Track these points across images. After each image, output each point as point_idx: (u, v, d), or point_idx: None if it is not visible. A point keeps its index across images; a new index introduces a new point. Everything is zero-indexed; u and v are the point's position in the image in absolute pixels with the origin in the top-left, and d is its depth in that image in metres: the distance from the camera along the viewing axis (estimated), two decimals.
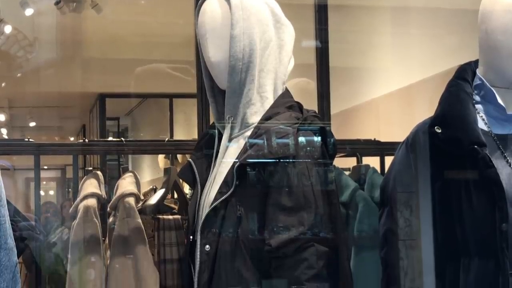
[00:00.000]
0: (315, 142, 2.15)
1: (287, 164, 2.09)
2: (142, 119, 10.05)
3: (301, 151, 2.10)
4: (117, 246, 2.61)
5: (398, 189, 2.09)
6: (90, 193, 2.63)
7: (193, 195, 2.31)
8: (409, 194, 2.04)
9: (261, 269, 2.07)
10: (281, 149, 2.08)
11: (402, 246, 2.11)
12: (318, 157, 2.14)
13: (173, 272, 2.70)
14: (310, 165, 2.11)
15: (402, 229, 2.07)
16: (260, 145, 2.09)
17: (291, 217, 2.04)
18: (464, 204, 1.94)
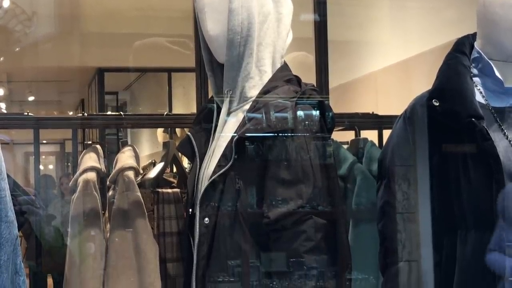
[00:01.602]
0: (314, 115, 2.16)
1: (286, 138, 2.10)
2: (141, 94, 10.03)
3: (300, 125, 2.11)
4: (116, 220, 2.62)
5: (396, 162, 2.10)
6: (90, 167, 2.64)
7: (192, 168, 2.32)
8: (406, 167, 2.05)
9: (260, 242, 2.08)
10: (279, 123, 2.09)
11: (400, 219, 2.12)
12: (316, 130, 2.15)
13: (172, 245, 2.71)
14: (309, 139, 2.12)
15: (400, 202, 2.08)
16: (258, 118, 2.10)
17: (290, 190, 2.05)
18: (461, 176, 1.95)
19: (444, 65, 2.09)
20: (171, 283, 2.70)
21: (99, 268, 2.60)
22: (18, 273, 1.87)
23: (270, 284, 2.08)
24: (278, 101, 2.11)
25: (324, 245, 2.05)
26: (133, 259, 2.61)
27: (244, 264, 2.08)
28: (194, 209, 2.20)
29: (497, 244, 1.93)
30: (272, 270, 2.08)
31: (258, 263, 2.08)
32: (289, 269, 2.04)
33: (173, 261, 2.72)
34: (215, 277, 2.11)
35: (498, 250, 1.88)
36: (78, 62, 7.63)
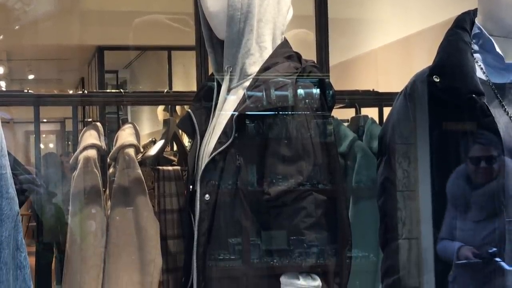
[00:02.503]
0: (314, 93, 2.15)
1: (286, 115, 2.10)
2: (141, 72, 10.01)
3: (300, 102, 2.11)
4: (117, 197, 2.62)
5: (396, 139, 2.10)
6: (90, 144, 2.64)
7: (192, 145, 2.32)
8: (407, 143, 2.05)
9: (260, 218, 2.09)
10: (280, 100, 2.08)
11: (400, 196, 2.12)
12: (317, 107, 2.15)
13: (173, 222, 2.72)
14: (309, 116, 2.12)
15: (400, 180, 2.08)
16: (259, 95, 2.10)
17: (290, 166, 2.06)
18: (461, 153, 1.95)
19: (444, 41, 2.08)
20: (171, 260, 2.71)
21: (100, 245, 2.61)
22: (19, 250, 1.88)
23: (270, 261, 2.09)
24: (278, 78, 2.11)
25: (324, 221, 2.06)
26: (134, 236, 2.62)
27: (244, 241, 2.09)
28: (195, 186, 2.20)
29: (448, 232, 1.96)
30: (273, 247, 2.09)
31: (258, 240, 2.09)
32: (290, 247, 2.05)
33: (174, 238, 2.73)
34: (215, 254, 2.12)
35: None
36: (78, 40, 7.61)
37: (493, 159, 1.93)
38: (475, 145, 1.95)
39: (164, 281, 2.69)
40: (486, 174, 1.94)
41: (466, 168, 1.96)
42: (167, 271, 2.70)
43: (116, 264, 2.62)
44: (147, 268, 2.60)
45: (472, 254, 1.94)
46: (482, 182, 1.94)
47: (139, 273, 2.61)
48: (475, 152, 1.95)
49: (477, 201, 1.96)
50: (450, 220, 1.99)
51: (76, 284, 2.60)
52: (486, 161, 1.93)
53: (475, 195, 1.95)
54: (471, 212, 1.96)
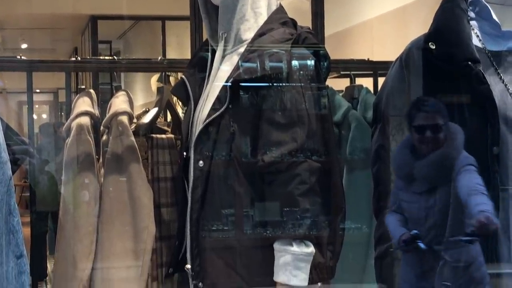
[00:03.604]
0: (309, 59, 2.14)
1: (281, 81, 2.09)
2: (134, 42, 9.97)
3: (295, 69, 2.10)
4: (110, 165, 2.61)
5: (391, 106, 2.09)
6: (83, 111, 2.62)
7: (186, 112, 2.31)
8: (401, 110, 2.04)
9: (254, 185, 2.09)
10: (274, 66, 2.07)
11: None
12: (312, 74, 2.14)
13: (166, 190, 2.72)
14: (304, 82, 2.11)
15: (394, 136, 2.08)
16: (253, 61, 2.08)
17: (284, 133, 2.05)
18: (456, 120, 1.95)
19: (441, 8, 2.07)
20: (165, 228, 2.71)
21: (93, 213, 2.61)
22: (12, 214, 1.87)
23: (264, 228, 2.09)
24: (273, 44, 2.10)
25: (318, 188, 2.06)
26: (127, 204, 2.61)
27: (237, 207, 2.08)
28: (189, 153, 2.20)
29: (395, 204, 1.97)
30: (267, 213, 2.09)
31: (252, 207, 2.09)
32: (283, 213, 2.04)
33: (167, 206, 2.72)
34: (209, 220, 2.12)
35: (492, 192, 1.89)
36: (71, 9, 7.56)
37: (436, 129, 1.92)
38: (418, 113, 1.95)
39: (157, 248, 2.69)
40: (429, 144, 1.93)
41: (411, 138, 1.96)
42: (161, 238, 2.70)
43: (109, 231, 2.62)
44: (141, 235, 2.60)
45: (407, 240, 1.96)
46: (425, 152, 1.94)
47: (132, 241, 2.61)
48: (418, 121, 1.94)
49: (420, 172, 1.97)
50: (396, 191, 2.00)
51: (69, 252, 2.60)
52: (430, 131, 1.92)
53: (418, 166, 1.95)
54: (414, 184, 1.96)
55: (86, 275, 2.58)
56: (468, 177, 1.90)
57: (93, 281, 2.61)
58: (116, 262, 2.61)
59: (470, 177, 1.90)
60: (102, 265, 2.60)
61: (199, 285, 2.14)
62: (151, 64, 2.95)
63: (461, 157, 1.92)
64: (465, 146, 1.95)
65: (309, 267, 2.04)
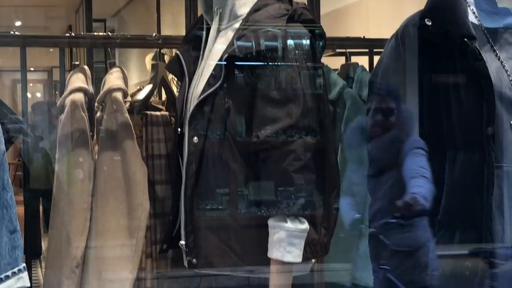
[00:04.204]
0: (305, 35, 2.13)
1: (276, 57, 2.08)
2: (129, 21, 9.92)
3: (291, 44, 2.09)
4: (104, 141, 2.60)
5: (386, 82, 2.08)
6: (77, 88, 2.61)
7: (180, 88, 2.30)
8: (397, 87, 2.04)
9: (249, 161, 2.08)
10: (270, 42, 2.06)
11: None
12: (307, 51, 2.13)
13: (161, 167, 2.71)
14: (300, 58, 2.10)
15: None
16: (249, 36, 2.07)
17: (279, 109, 2.04)
18: (452, 97, 1.94)
19: None
20: (159, 205, 2.71)
21: (87, 189, 2.60)
22: (5, 189, 1.87)
23: (258, 204, 2.09)
24: (269, 20, 2.09)
25: (312, 165, 2.05)
26: (121, 181, 2.61)
27: (232, 184, 2.08)
28: (183, 129, 2.19)
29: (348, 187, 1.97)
30: (261, 189, 2.09)
31: (246, 183, 2.09)
32: (278, 190, 2.04)
33: (162, 183, 2.72)
34: (203, 196, 2.12)
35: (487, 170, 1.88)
36: None
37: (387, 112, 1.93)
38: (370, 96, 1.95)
39: (152, 225, 2.69)
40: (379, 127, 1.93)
41: (362, 120, 1.96)
42: (155, 216, 2.70)
43: (103, 208, 2.62)
44: (135, 212, 2.60)
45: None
46: (375, 135, 1.94)
47: (126, 218, 2.61)
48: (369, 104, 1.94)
49: (369, 155, 1.97)
50: (349, 173, 2.00)
51: (63, 230, 2.60)
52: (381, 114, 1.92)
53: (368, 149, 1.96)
54: (364, 166, 1.97)
55: (80, 252, 2.58)
56: (413, 160, 1.91)
57: (87, 258, 2.61)
58: (110, 239, 2.61)
59: (415, 160, 1.91)
60: (96, 242, 2.60)
61: (193, 261, 2.14)
62: (146, 40, 2.93)
63: (410, 140, 1.93)
64: (461, 124, 1.95)
65: (303, 243, 2.04)
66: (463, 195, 1.94)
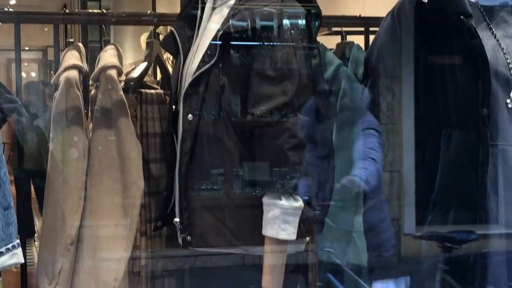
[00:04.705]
0: (300, 13, 2.12)
1: (271, 35, 2.07)
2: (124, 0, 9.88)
3: (286, 22, 2.08)
4: (99, 119, 2.59)
5: (382, 60, 2.07)
6: (72, 65, 2.59)
7: (175, 65, 2.29)
8: (393, 64, 2.03)
9: (243, 139, 2.08)
10: (265, 19, 2.05)
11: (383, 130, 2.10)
12: (303, 29, 2.12)
13: (155, 145, 2.70)
14: (295, 36, 2.09)
15: (385, 96, 2.07)
16: (244, 14, 2.06)
17: (275, 86, 2.04)
18: (448, 75, 1.94)
19: None
20: (154, 183, 2.70)
21: (81, 168, 2.59)
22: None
23: (253, 182, 2.09)
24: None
25: (307, 141, 2.05)
26: (115, 159, 2.60)
27: (227, 161, 2.08)
28: (178, 106, 2.18)
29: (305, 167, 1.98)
30: (256, 167, 2.08)
31: (241, 161, 2.08)
32: (273, 167, 2.04)
33: (156, 161, 2.71)
34: (198, 173, 2.11)
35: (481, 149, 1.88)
36: None
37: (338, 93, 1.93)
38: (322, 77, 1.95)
39: (146, 204, 2.68)
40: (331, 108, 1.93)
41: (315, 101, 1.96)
42: (149, 194, 2.69)
43: (97, 187, 2.61)
44: (129, 191, 2.60)
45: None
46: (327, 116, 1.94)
47: (121, 196, 2.60)
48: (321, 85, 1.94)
49: (322, 136, 1.97)
50: (306, 154, 2.00)
51: (58, 208, 2.59)
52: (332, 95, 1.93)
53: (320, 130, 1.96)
54: (318, 148, 1.97)
55: (75, 230, 2.58)
56: (363, 141, 1.92)
57: (81, 236, 2.61)
58: (104, 218, 2.61)
59: (365, 141, 1.92)
60: (91, 221, 2.60)
61: (187, 239, 2.14)
62: (141, 18, 2.90)
63: (361, 121, 1.93)
64: (456, 102, 1.95)
65: (298, 221, 2.04)
66: (458, 174, 1.94)
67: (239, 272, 2.14)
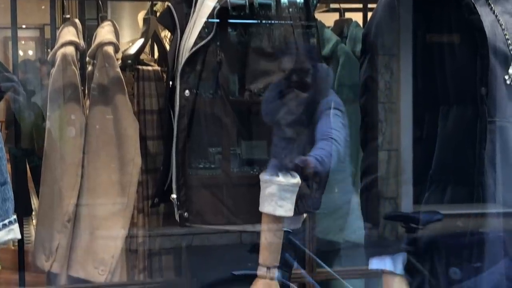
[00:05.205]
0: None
1: (269, 11, 2.06)
2: None
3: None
4: (96, 96, 2.59)
5: (380, 36, 2.06)
6: (68, 41, 2.58)
7: (172, 41, 2.28)
8: (391, 41, 2.02)
9: (240, 115, 2.07)
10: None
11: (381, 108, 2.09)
12: (301, 5, 2.11)
13: (152, 122, 2.70)
14: (293, 13, 2.08)
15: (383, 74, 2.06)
16: None
17: (272, 63, 2.03)
18: (446, 51, 1.93)
19: None
20: (151, 161, 2.71)
21: (79, 144, 2.59)
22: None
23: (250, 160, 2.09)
24: None
25: (305, 119, 2.04)
26: (113, 136, 2.60)
27: (224, 138, 2.08)
28: (175, 82, 2.17)
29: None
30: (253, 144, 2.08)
31: (238, 137, 2.08)
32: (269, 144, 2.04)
33: (154, 139, 2.71)
34: (195, 149, 2.11)
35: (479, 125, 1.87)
36: None
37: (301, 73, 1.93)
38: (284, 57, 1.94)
39: (143, 181, 2.69)
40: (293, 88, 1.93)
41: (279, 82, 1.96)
42: (146, 171, 2.70)
43: (95, 163, 2.61)
44: (126, 167, 2.60)
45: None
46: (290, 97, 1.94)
47: (118, 173, 2.60)
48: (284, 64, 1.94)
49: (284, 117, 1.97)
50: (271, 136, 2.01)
51: (55, 185, 2.60)
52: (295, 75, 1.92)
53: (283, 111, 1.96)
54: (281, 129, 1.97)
55: (72, 207, 2.58)
56: (325, 121, 1.92)
57: (78, 213, 2.61)
58: (101, 195, 2.61)
59: (326, 121, 1.92)
60: (88, 198, 2.60)
61: (184, 215, 2.14)
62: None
63: (324, 101, 1.92)
64: (454, 79, 1.93)
65: (295, 198, 2.04)
66: (455, 150, 1.93)
67: (236, 250, 2.14)
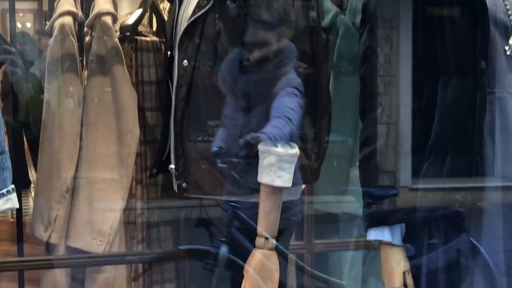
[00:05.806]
0: None
1: None
2: None
3: None
4: (94, 66, 2.58)
5: (380, 6, 2.04)
6: (66, 11, 2.56)
7: (171, 10, 2.26)
8: (391, 12, 2.00)
9: (239, 84, 2.06)
10: None
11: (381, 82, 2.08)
12: None
13: (151, 93, 2.69)
14: None
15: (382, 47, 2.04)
16: None
17: (272, 32, 2.02)
18: (446, 22, 1.92)
19: None
20: (149, 132, 2.70)
21: (77, 115, 2.58)
22: None
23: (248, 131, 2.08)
24: None
25: (304, 89, 2.04)
26: (111, 106, 2.59)
27: (222, 108, 2.07)
28: (173, 52, 2.16)
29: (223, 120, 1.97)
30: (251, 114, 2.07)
31: (237, 107, 2.07)
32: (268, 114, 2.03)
33: (152, 110, 2.71)
34: (193, 119, 2.10)
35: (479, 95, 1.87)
36: None
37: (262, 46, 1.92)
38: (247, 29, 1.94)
39: (142, 152, 2.69)
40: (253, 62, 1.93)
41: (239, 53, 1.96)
42: (145, 142, 2.69)
43: (93, 134, 2.60)
44: (124, 138, 2.59)
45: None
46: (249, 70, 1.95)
47: (116, 143, 2.60)
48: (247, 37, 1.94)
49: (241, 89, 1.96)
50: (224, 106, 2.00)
51: (53, 156, 2.60)
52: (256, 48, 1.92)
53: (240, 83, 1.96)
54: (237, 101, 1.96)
55: (70, 177, 2.58)
56: (282, 100, 1.92)
57: (77, 184, 2.61)
58: (100, 165, 2.60)
59: (284, 100, 1.92)
60: (86, 168, 2.59)
61: (182, 185, 2.14)
62: None
63: (284, 79, 1.92)
64: (455, 49, 1.92)
65: (293, 168, 2.03)
66: (454, 121, 1.93)
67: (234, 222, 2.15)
